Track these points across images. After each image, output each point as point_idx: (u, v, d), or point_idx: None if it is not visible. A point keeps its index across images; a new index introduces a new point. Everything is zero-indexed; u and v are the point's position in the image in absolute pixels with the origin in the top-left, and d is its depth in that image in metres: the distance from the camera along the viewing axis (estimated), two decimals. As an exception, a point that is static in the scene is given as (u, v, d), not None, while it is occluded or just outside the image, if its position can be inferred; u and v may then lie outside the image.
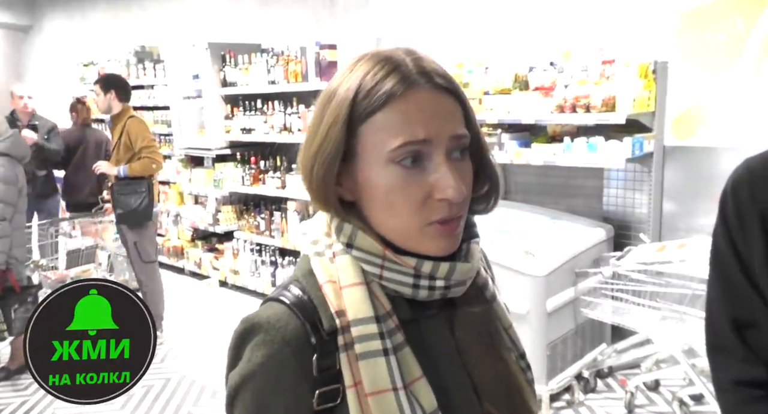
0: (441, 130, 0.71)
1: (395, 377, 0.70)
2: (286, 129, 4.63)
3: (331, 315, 0.72)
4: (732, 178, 1.01)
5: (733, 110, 3.12)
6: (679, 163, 3.34)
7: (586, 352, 3.33)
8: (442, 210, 0.71)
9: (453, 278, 0.74)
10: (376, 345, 0.70)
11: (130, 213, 4.01)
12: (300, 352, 0.71)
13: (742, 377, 0.99)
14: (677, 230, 3.36)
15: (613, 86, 3.08)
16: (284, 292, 0.75)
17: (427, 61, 0.74)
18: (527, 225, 3.42)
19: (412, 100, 0.70)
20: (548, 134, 3.58)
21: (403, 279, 0.73)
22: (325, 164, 0.72)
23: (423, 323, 0.76)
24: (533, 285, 2.95)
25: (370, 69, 0.72)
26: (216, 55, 4.97)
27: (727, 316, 1.01)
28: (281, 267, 4.85)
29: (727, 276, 1.00)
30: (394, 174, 0.71)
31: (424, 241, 0.72)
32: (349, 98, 0.71)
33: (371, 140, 0.71)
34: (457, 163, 0.72)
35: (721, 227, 1.01)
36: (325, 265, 0.75)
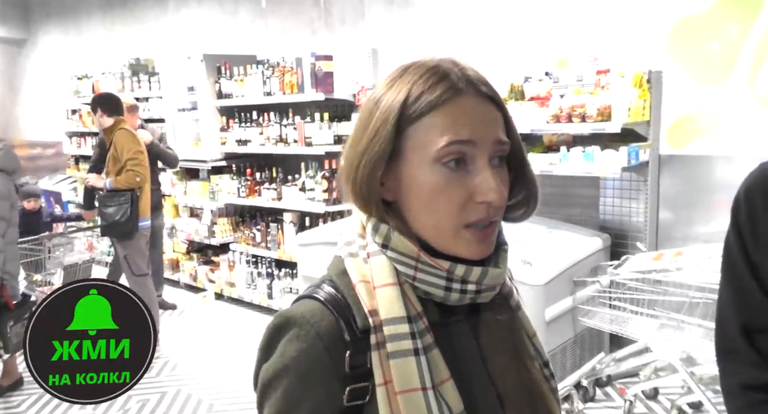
0: (485, 135, 0.74)
1: (425, 377, 0.71)
2: (282, 140, 4.63)
3: (364, 314, 0.74)
4: (745, 183, 1.01)
5: (727, 119, 3.15)
6: (675, 172, 3.36)
7: (584, 361, 3.32)
8: (481, 212, 0.73)
9: (484, 283, 0.76)
10: (407, 345, 0.72)
11: (112, 225, 4.00)
12: (333, 347, 0.73)
13: (750, 381, 0.99)
14: (674, 238, 3.37)
15: (609, 96, 3.11)
16: (318, 290, 0.78)
17: (471, 71, 0.78)
18: (525, 234, 3.43)
19: (459, 105, 0.74)
20: (544, 144, 3.60)
21: (436, 281, 0.75)
22: (372, 162, 0.75)
23: (450, 327, 0.78)
24: (532, 294, 2.95)
25: (420, 76, 0.75)
26: (211, 67, 4.98)
27: (737, 321, 1.01)
28: (278, 279, 4.84)
29: (739, 281, 1.00)
30: (439, 174, 0.73)
31: (459, 244, 0.75)
32: (400, 101, 0.75)
33: (418, 140, 0.74)
34: (497, 169, 0.75)
35: (734, 232, 1.01)
36: (359, 265, 0.77)
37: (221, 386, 3.76)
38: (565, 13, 3.60)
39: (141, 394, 3.65)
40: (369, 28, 4.58)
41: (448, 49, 4.10)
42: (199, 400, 3.59)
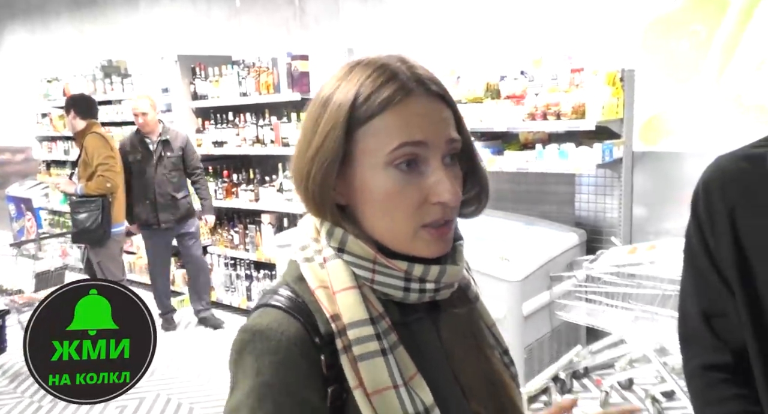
0: (437, 135, 0.73)
1: (395, 375, 0.71)
2: (258, 141, 4.62)
3: (326, 319, 0.73)
4: (703, 176, 1.05)
5: (698, 116, 3.23)
6: (648, 168, 3.44)
7: (562, 354, 3.38)
8: (437, 213, 0.73)
9: (443, 281, 0.76)
10: (373, 346, 0.71)
11: (83, 232, 3.96)
12: (308, 352, 0.71)
13: (709, 362, 1.05)
14: (647, 233, 3.45)
15: (583, 94, 3.17)
16: (276, 297, 0.75)
17: (421, 69, 0.76)
18: (502, 231, 3.47)
19: (409, 105, 0.72)
20: (520, 142, 3.65)
21: (395, 282, 0.74)
22: (323, 168, 0.73)
23: (412, 326, 0.78)
24: (509, 290, 3.00)
25: (368, 75, 0.74)
26: (186, 67, 4.94)
27: (698, 307, 1.06)
28: (257, 281, 4.82)
29: (698, 270, 1.05)
30: (392, 177, 0.72)
31: (416, 244, 0.74)
32: (348, 103, 0.73)
33: (369, 144, 0.73)
34: (450, 168, 0.75)
35: (693, 224, 1.06)
36: (316, 270, 0.76)
37: (200, 390, 3.74)
38: (540, 13, 3.66)
39: (119, 400, 3.58)
40: (344, 27, 4.59)
41: (423, 48, 4.13)
42: (179, 404, 3.56)
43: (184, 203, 4.43)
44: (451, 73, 3.75)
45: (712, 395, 1.04)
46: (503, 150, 3.52)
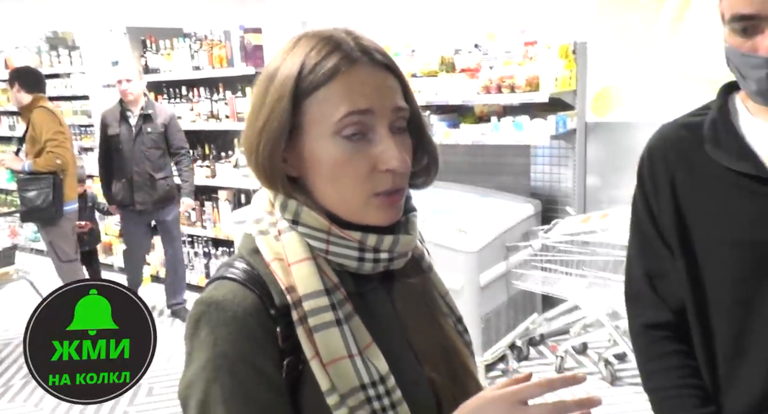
0: (383, 103, 0.74)
1: (350, 344, 0.72)
2: (213, 116, 4.53)
3: (281, 291, 0.73)
4: (647, 144, 1.10)
5: (647, 87, 3.30)
6: (600, 139, 3.51)
7: (518, 323, 3.47)
8: (387, 181, 0.74)
9: (396, 250, 0.77)
10: (328, 316, 0.72)
11: (33, 210, 3.82)
12: (264, 323, 0.72)
13: (650, 321, 1.11)
14: (600, 202, 3.54)
15: (536, 67, 3.20)
16: (231, 270, 0.76)
17: (366, 40, 0.77)
18: (458, 204, 3.51)
19: (354, 74, 0.73)
20: (476, 115, 3.68)
21: (349, 253, 0.75)
22: (271, 140, 0.74)
23: (367, 296, 0.79)
24: (466, 261, 3.05)
25: (312, 47, 0.74)
26: (135, 40, 4.78)
27: (641, 269, 1.12)
28: (215, 258, 4.77)
29: (643, 233, 1.10)
30: (339, 146, 0.73)
31: (368, 213, 0.75)
32: (293, 75, 0.73)
33: (316, 114, 0.73)
34: (398, 137, 0.75)
35: (638, 190, 1.11)
36: (270, 243, 0.76)
37: (160, 369, 3.71)
38: (493, -15, 3.65)
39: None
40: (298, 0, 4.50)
41: (377, 21, 4.09)
42: (150, 388, 3.53)
43: (163, 184, 4.06)
44: (406, 47, 3.74)
45: (653, 351, 1.10)
46: (459, 123, 3.54)
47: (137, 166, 3.99)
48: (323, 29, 0.77)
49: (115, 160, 4.04)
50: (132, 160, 3.99)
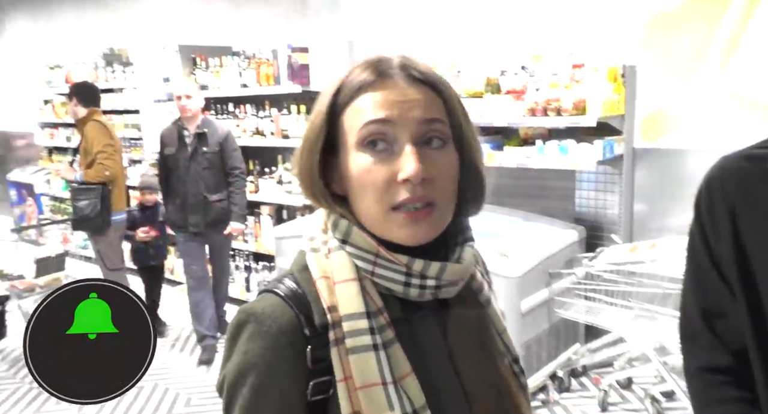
0: (406, 114, 0.72)
1: (384, 372, 0.71)
2: (258, 133, 4.59)
3: (322, 310, 0.73)
4: (706, 176, 1.05)
5: (699, 113, 3.19)
6: (649, 165, 3.40)
7: (560, 352, 3.37)
8: (405, 191, 0.72)
9: (444, 278, 0.75)
10: (366, 340, 0.71)
11: (82, 219, 3.93)
12: (296, 342, 0.73)
13: (708, 364, 1.04)
14: (648, 230, 3.42)
15: (584, 90, 3.13)
16: (279, 285, 0.77)
17: (414, 61, 0.77)
18: (501, 227, 3.45)
19: (381, 87, 0.74)
20: (520, 137, 3.62)
21: (395, 276, 0.74)
22: (308, 150, 0.77)
23: (414, 323, 0.77)
24: (507, 286, 2.98)
25: (357, 67, 0.77)
26: (186, 57, 4.91)
27: (698, 306, 1.05)
28: (255, 272, 4.81)
29: (700, 268, 1.04)
30: (362, 158, 0.73)
31: (391, 227, 0.74)
32: (331, 92, 0.76)
33: (346, 128, 0.75)
34: (428, 151, 0.73)
35: (695, 222, 1.05)
36: (320, 261, 0.77)
37: (199, 381, 3.75)
38: (541, 7, 3.61)
39: (117, 390, 3.62)
40: (345, 19, 4.55)
41: (423, 41, 4.09)
42: (177, 394, 3.57)
43: (218, 207, 3.87)
44: (451, 67, 3.72)
45: (711, 396, 1.03)
46: (503, 145, 3.49)
47: (192, 186, 3.83)
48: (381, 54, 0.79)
49: (171, 180, 3.91)
50: (186, 180, 3.84)
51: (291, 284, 0.77)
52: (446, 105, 0.76)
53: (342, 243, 0.76)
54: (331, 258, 0.76)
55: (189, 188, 3.84)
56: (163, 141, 3.94)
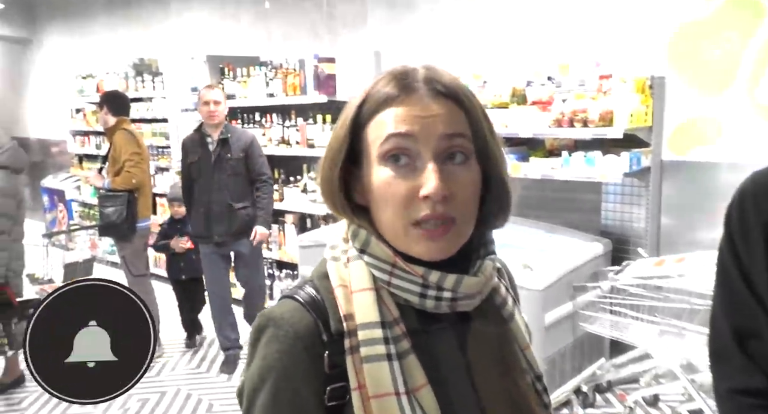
0: (429, 130, 0.72)
1: (398, 382, 0.71)
2: (284, 142, 4.64)
3: (339, 318, 0.74)
4: (738, 190, 1.02)
5: (729, 125, 3.14)
6: (677, 178, 3.35)
7: (584, 367, 3.32)
8: (426, 209, 0.71)
9: (460, 291, 0.75)
10: (380, 349, 0.71)
11: (109, 226, 3.99)
12: (312, 347, 0.73)
13: (740, 386, 1.00)
14: (675, 245, 3.36)
15: (611, 101, 3.10)
16: (299, 291, 0.78)
17: (439, 73, 0.76)
18: (525, 239, 3.42)
19: (405, 102, 0.74)
20: (546, 148, 3.59)
21: (411, 287, 0.74)
22: (330, 164, 0.77)
23: (432, 335, 0.77)
24: (531, 299, 2.95)
25: (381, 79, 0.77)
26: (214, 67, 4.99)
27: (729, 326, 1.02)
28: (278, 280, 4.84)
29: (731, 286, 1.01)
30: (384, 171, 0.73)
31: (411, 244, 0.74)
32: (356, 104, 0.76)
33: (370, 141, 0.75)
34: (451, 167, 0.73)
35: (726, 239, 1.03)
36: (339, 269, 0.78)
37: (221, 386, 3.77)
38: (567, 18, 3.60)
39: (141, 394, 3.66)
40: (371, 31, 4.58)
41: (450, 52, 4.10)
42: (199, 399, 3.59)
43: (242, 214, 3.79)
44: (477, 78, 3.71)
45: None
46: (528, 156, 3.47)
47: (215, 194, 3.75)
48: (406, 65, 0.79)
49: (194, 188, 3.84)
50: (210, 188, 3.75)
51: (311, 291, 0.78)
52: (469, 118, 0.75)
53: (360, 252, 0.77)
54: (349, 267, 0.77)
55: (213, 196, 3.76)
56: (186, 149, 3.88)
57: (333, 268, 0.78)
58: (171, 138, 5.55)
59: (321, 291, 0.77)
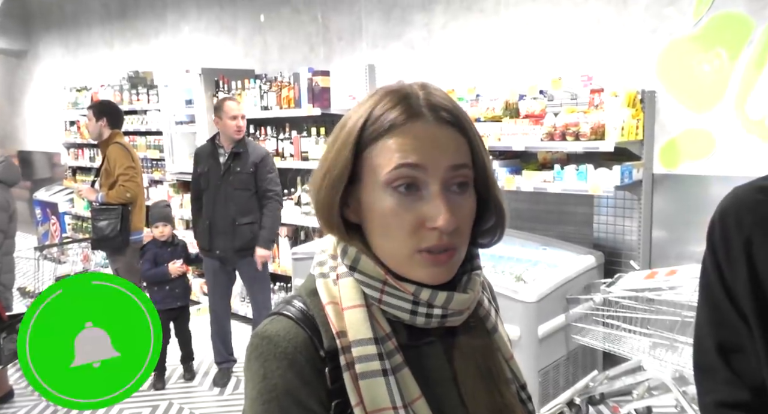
0: (437, 160, 0.73)
1: (395, 397, 0.71)
2: (278, 154, 4.65)
3: (332, 335, 0.74)
4: (720, 206, 1.03)
5: (719, 139, 3.17)
6: (668, 191, 3.38)
7: (577, 379, 3.32)
8: (433, 239, 0.72)
9: (450, 307, 0.76)
10: (375, 365, 0.72)
11: (102, 239, 3.98)
12: (313, 362, 0.73)
13: (724, 399, 1.01)
14: (667, 257, 3.38)
15: (602, 115, 3.13)
16: (288, 307, 0.78)
17: (438, 96, 0.77)
18: (518, 251, 3.44)
19: (413, 129, 0.74)
20: (538, 161, 3.62)
21: (402, 304, 0.75)
22: (332, 186, 0.76)
23: (421, 349, 0.78)
24: (524, 311, 2.95)
25: (381, 99, 0.76)
26: (209, 80, 5.01)
27: (713, 340, 1.03)
28: (272, 293, 4.82)
29: (714, 301, 1.02)
30: (389, 198, 0.73)
31: (414, 269, 0.74)
32: (359, 125, 0.75)
33: (372, 164, 0.74)
34: (454, 196, 0.74)
35: (709, 254, 1.04)
36: (329, 286, 0.78)
37: (213, 400, 3.74)
38: (560, 33, 3.64)
39: (132, 408, 3.63)
40: (366, 44, 4.62)
41: (444, 66, 4.13)
42: (191, 413, 3.57)
43: (246, 231, 3.70)
44: (470, 91, 3.75)
45: None
46: (521, 169, 3.49)
47: (220, 208, 3.69)
48: (399, 83, 0.79)
49: (201, 200, 3.80)
50: (216, 201, 3.70)
51: (301, 306, 0.78)
52: (471, 146, 0.76)
53: (350, 270, 0.77)
54: (339, 284, 0.77)
55: (218, 210, 3.70)
56: (197, 159, 3.84)
57: (322, 285, 0.78)
58: (165, 150, 5.55)
59: (311, 307, 0.77)
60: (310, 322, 0.75)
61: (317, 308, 0.77)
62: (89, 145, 6.82)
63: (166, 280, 3.83)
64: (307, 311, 0.77)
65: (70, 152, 7.24)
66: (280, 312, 0.77)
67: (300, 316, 0.76)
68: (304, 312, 0.77)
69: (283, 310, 0.77)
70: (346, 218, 0.78)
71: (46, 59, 8.42)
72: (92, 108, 4.14)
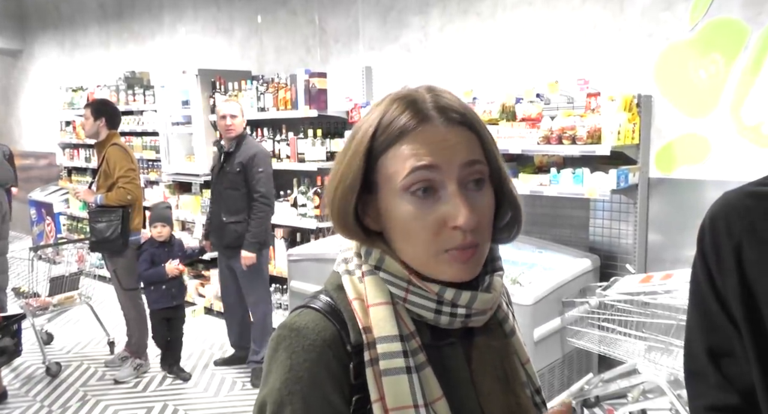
0: (451, 159, 0.74)
1: (417, 395, 0.72)
2: (274, 156, 4.64)
3: (359, 330, 0.75)
4: (710, 211, 1.03)
5: (715, 144, 3.19)
6: (664, 195, 3.39)
7: (573, 382, 3.32)
8: (456, 238, 0.73)
9: (474, 307, 0.77)
10: (399, 362, 0.73)
11: (102, 241, 3.97)
12: (339, 356, 0.74)
13: (714, 403, 1.01)
14: (662, 261, 3.39)
15: (599, 119, 3.14)
16: (316, 301, 0.79)
17: (445, 98, 0.78)
18: (514, 254, 3.44)
19: (424, 132, 0.75)
20: (535, 165, 3.63)
21: (427, 304, 0.76)
22: (345, 194, 0.77)
23: (442, 350, 0.79)
24: (520, 314, 2.94)
25: (389, 106, 0.77)
26: (206, 81, 5.00)
27: (703, 345, 1.03)
28: (268, 294, 4.81)
29: (704, 306, 1.03)
30: (408, 203, 0.74)
31: (440, 268, 0.75)
32: (369, 133, 0.76)
33: (387, 172, 0.75)
34: (472, 193, 0.75)
35: (699, 259, 1.04)
36: (355, 283, 0.79)
37: (208, 401, 3.73)
38: (557, 37, 3.65)
39: (127, 409, 3.62)
40: (363, 46, 4.62)
41: (440, 69, 4.14)
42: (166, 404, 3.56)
43: (232, 230, 3.81)
44: (467, 94, 3.75)
45: None
46: (518, 173, 3.50)
47: (214, 206, 3.97)
48: (407, 87, 0.80)
49: None
50: (213, 198, 4.02)
51: (328, 300, 0.79)
52: (482, 142, 0.77)
53: (375, 269, 0.78)
54: (365, 281, 0.78)
55: (213, 207, 4.02)
56: (213, 155, 4.14)
57: (348, 282, 0.79)
58: (161, 151, 5.54)
59: (338, 302, 0.78)
60: (338, 316, 0.76)
61: (344, 303, 0.78)
62: (85, 146, 6.79)
63: (164, 279, 3.90)
64: (335, 305, 0.77)
65: (65, 152, 7.22)
66: (307, 305, 0.78)
67: (328, 310, 0.77)
68: (332, 306, 0.77)
69: (310, 303, 0.78)
70: (366, 227, 0.79)
71: (42, 59, 8.40)
72: (90, 106, 4.11)
